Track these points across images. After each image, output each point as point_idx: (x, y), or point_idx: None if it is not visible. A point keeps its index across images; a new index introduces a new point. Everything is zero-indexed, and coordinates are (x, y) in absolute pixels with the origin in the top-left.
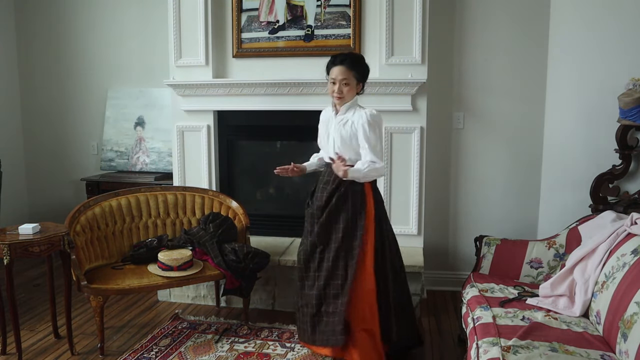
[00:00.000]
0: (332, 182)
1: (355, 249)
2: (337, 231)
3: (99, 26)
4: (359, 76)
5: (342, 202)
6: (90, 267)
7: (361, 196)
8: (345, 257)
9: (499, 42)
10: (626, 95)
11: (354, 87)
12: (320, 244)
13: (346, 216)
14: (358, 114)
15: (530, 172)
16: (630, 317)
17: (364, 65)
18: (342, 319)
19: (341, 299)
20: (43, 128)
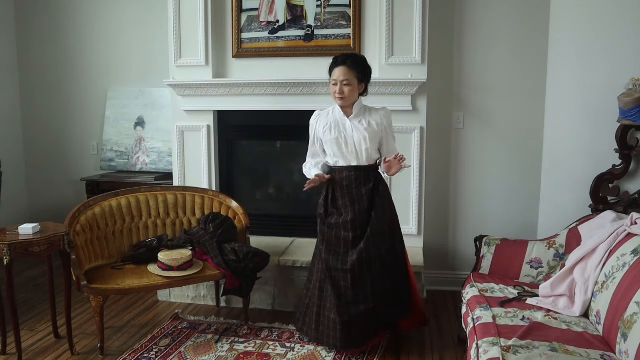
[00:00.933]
0: (366, 183)
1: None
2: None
3: (99, 26)
4: (361, 76)
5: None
6: (90, 267)
7: (389, 191)
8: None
9: (499, 42)
10: (626, 95)
11: (356, 88)
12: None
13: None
14: (377, 114)
15: (530, 172)
16: (630, 317)
17: (365, 66)
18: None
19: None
20: (43, 128)
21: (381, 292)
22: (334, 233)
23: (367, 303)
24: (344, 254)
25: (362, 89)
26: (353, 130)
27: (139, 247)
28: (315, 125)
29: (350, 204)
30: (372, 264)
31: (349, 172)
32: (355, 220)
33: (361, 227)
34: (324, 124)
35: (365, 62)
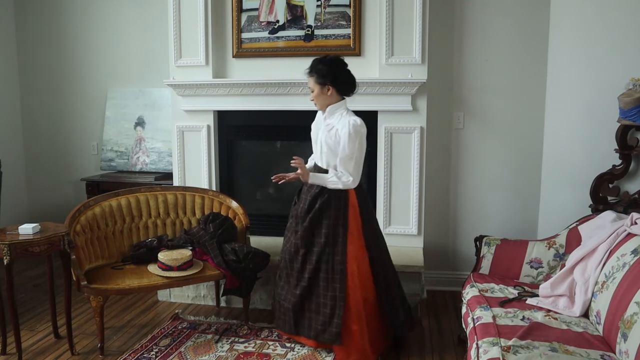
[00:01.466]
0: (316, 187)
1: (339, 254)
2: (319, 236)
3: (99, 26)
4: (321, 79)
5: (325, 207)
6: (90, 267)
7: (344, 201)
8: (329, 261)
9: (499, 42)
10: (626, 95)
11: (320, 92)
12: (303, 247)
13: (328, 222)
14: (342, 122)
15: (530, 172)
16: (630, 317)
17: (322, 66)
18: (338, 321)
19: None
20: (43, 128)
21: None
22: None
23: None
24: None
25: (329, 91)
26: (320, 131)
27: (139, 247)
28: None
29: (302, 201)
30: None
31: (314, 170)
32: (297, 217)
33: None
34: (315, 122)
35: (324, 61)
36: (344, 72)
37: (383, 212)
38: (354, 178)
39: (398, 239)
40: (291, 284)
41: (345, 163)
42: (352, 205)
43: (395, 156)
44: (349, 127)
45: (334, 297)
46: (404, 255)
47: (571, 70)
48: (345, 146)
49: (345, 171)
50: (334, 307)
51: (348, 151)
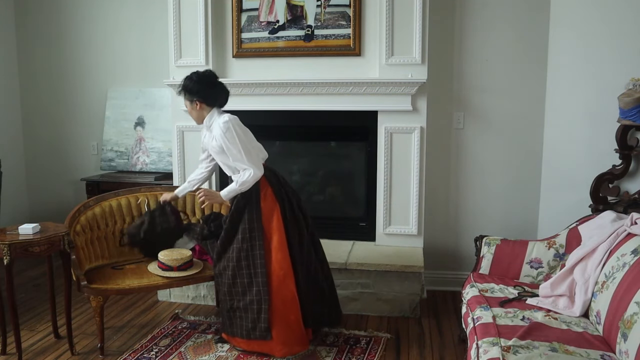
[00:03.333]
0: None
1: (258, 249)
2: (238, 233)
3: (99, 26)
4: (188, 96)
5: (241, 206)
6: (90, 267)
7: (256, 200)
8: (248, 257)
9: (499, 42)
10: (626, 95)
11: (191, 107)
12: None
13: (244, 219)
14: (215, 125)
15: (530, 172)
16: (630, 317)
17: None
18: (265, 316)
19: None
20: (43, 128)
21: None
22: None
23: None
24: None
25: (199, 105)
26: (208, 146)
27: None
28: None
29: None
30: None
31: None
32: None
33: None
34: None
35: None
36: (210, 85)
37: (383, 212)
38: (254, 168)
39: (398, 239)
40: (221, 285)
41: (238, 160)
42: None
43: (395, 156)
44: (219, 129)
45: (258, 292)
46: (404, 255)
47: (571, 70)
48: (228, 146)
49: (247, 166)
50: (260, 302)
51: (233, 149)
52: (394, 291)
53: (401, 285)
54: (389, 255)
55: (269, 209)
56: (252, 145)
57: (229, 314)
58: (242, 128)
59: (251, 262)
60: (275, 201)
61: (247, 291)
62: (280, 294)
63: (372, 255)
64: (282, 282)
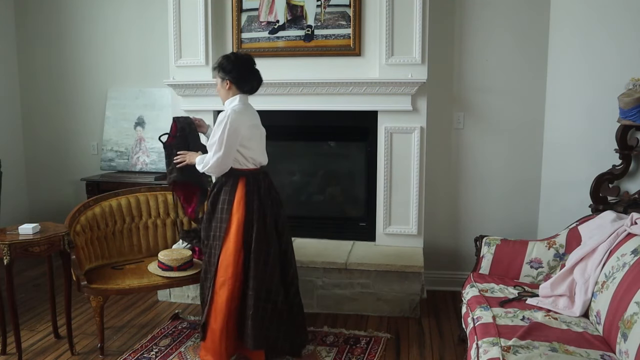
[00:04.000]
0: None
1: (216, 249)
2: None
3: (99, 26)
4: (220, 73)
5: (215, 200)
6: (90, 267)
7: (230, 195)
8: (209, 254)
9: (499, 42)
10: (626, 95)
11: (220, 85)
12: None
13: (216, 216)
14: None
15: (531, 172)
16: (630, 317)
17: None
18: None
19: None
20: (43, 128)
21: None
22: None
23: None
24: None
25: (228, 85)
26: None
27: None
28: None
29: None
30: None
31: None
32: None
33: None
34: None
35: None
36: (246, 70)
37: (383, 212)
38: (213, 163)
39: (398, 239)
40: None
41: (209, 147)
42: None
43: (395, 156)
44: (222, 115)
45: (208, 289)
46: (404, 255)
47: (571, 70)
48: (215, 130)
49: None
50: (205, 301)
51: (215, 136)
52: (394, 291)
53: (401, 285)
54: (389, 255)
55: (233, 212)
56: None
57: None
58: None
59: (209, 259)
60: (242, 209)
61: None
62: (215, 299)
63: (372, 255)
64: (218, 288)
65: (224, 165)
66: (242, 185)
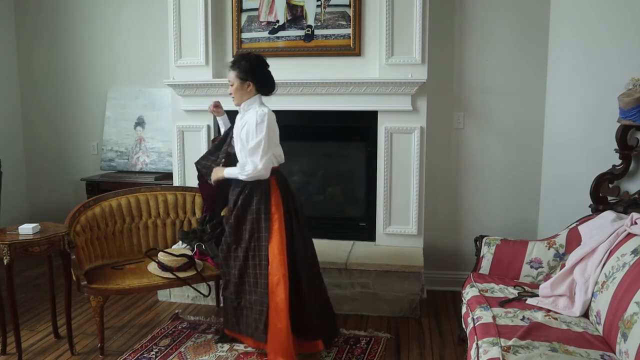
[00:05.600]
0: (237, 185)
1: (264, 250)
2: (244, 232)
3: (99, 26)
4: (242, 74)
5: (247, 202)
6: (90, 267)
7: (265, 195)
8: (255, 257)
9: (499, 42)
10: (626, 95)
11: (240, 87)
12: (233, 244)
13: (252, 218)
14: (251, 114)
15: (531, 172)
16: (630, 317)
17: (244, 62)
18: (264, 318)
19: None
20: (43, 128)
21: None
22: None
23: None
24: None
25: (249, 87)
26: (237, 130)
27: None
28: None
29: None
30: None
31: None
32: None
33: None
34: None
35: (246, 57)
36: (266, 71)
37: (383, 212)
38: (262, 167)
39: (398, 239)
40: (229, 282)
41: (250, 152)
42: (274, 199)
43: (395, 156)
44: (254, 116)
45: (262, 293)
46: (404, 255)
47: (571, 70)
48: (253, 135)
49: (250, 161)
50: (262, 304)
51: (254, 141)
52: (394, 291)
53: (401, 285)
54: (389, 255)
55: (272, 212)
56: (274, 147)
57: (235, 311)
58: (274, 127)
59: (257, 262)
60: (280, 205)
61: (253, 291)
62: (273, 300)
63: (372, 255)
64: (274, 288)
65: (267, 168)
66: (275, 183)
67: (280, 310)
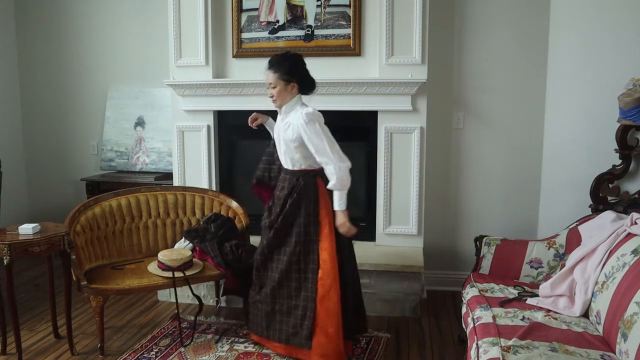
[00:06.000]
0: (284, 188)
1: (312, 253)
2: (292, 235)
3: (99, 26)
4: (285, 76)
5: (295, 207)
6: (90, 267)
7: (314, 199)
8: (300, 262)
9: (499, 42)
10: (626, 95)
11: (284, 89)
12: (276, 247)
13: (300, 221)
14: (295, 115)
15: (531, 172)
16: (630, 317)
17: (287, 63)
18: (309, 323)
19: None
20: (43, 128)
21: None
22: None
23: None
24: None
25: (293, 88)
26: (280, 132)
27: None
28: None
29: (274, 206)
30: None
31: (280, 174)
32: (272, 222)
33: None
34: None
35: (289, 59)
36: (307, 70)
37: (383, 212)
38: (343, 159)
39: (398, 239)
40: (264, 285)
41: (322, 152)
42: (323, 202)
43: (395, 156)
44: (302, 118)
45: (306, 297)
46: (404, 255)
47: (571, 70)
48: (311, 137)
49: (329, 160)
50: (306, 308)
51: (316, 140)
52: (394, 291)
53: (401, 285)
54: (389, 255)
55: (323, 214)
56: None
57: (267, 316)
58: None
59: (302, 266)
60: (329, 208)
61: (294, 296)
62: (324, 304)
63: (372, 255)
64: (327, 292)
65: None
66: (322, 184)
67: (332, 314)
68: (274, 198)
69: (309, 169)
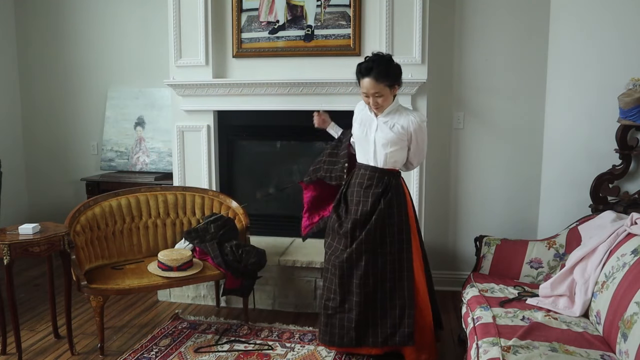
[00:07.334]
0: (376, 186)
1: (406, 252)
2: (385, 236)
3: (98, 26)
4: (390, 81)
5: (389, 207)
6: (90, 267)
7: (404, 200)
8: (395, 262)
9: (499, 42)
10: (626, 95)
11: (389, 94)
12: (368, 252)
13: (393, 222)
14: (406, 119)
15: (531, 172)
16: (630, 317)
17: (393, 71)
18: (410, 321)
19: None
20: (43, 128)
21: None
22: (336, 227)
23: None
24: (341, 251)
25: (395, 89)
26: (377, 130)
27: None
28: (357, 113)
29: (357, 203)
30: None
31: (364, 171)
32: (357, 221)
33: (360, 229)
34: (360, 117)
35: (391, 65)
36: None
37: None
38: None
39: None
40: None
41: (421, 156)
42: (410, 203)
43: None
44: (417, 123)
45: (402, 296)
46: None
47: (571, 70)
48: (421, 142)
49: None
50: (404, 306)
51: (422, 145)
52: None
53: None
54: None
55: (410, 215)
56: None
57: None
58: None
59: (397, 266)
60: (411, 206)
61: (389, 297)
62: (418, 302)
63: None
64: (419, 289)
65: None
66: (404, 185)
67: (423, 307)
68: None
69: (395, 169)
